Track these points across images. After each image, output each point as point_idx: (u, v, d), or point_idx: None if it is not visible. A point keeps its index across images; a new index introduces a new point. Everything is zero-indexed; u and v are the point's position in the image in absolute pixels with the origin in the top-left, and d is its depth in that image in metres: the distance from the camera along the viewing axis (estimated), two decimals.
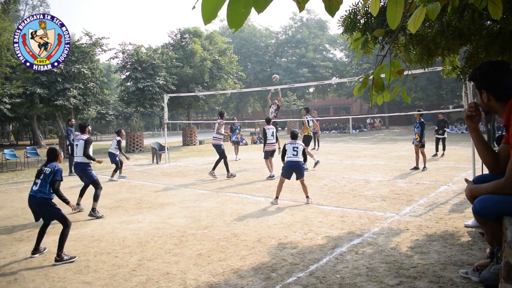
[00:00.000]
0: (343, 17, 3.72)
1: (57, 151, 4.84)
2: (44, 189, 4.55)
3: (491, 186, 2.42)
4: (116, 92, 36.97)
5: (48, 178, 4.58)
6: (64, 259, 4.38)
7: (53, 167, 4.66)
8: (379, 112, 35.98)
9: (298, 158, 6.99)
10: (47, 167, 4.67)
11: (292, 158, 6.99)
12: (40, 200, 4.54)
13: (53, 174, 4.59)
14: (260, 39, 50.77)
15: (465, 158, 11.74)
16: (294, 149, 7.07)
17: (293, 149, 7.08)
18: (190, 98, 23.08)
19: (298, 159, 6.99)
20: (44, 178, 4.58)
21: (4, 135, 37.93)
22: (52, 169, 4.62)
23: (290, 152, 7.09)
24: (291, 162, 6.97)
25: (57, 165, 4.72)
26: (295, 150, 7.04)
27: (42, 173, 4.63)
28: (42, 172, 4.64)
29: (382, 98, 2.39)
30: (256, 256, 4.27)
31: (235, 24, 1.28)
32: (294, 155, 7.02)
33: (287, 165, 7.03)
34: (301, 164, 7.03)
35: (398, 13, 1.68)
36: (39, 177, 4.62)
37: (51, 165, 4.70)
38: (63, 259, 4.38)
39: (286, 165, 7.03)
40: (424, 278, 3.46)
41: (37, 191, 4.55)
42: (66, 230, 4.55)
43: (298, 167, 6.95)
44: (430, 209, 5.97)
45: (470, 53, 4.03)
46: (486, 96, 2.44)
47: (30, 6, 46.33)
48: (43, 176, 4.59)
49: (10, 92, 17.87)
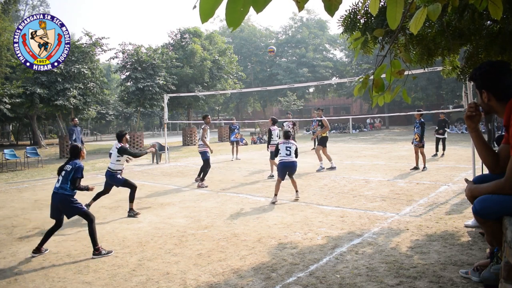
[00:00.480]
0: (343, 17, 3.73)
1: (79, 148, 4.83)
2: (65, 186, 4.59)
3: (491, 186, 2.42)
4: (116, 92, 36.98)
5: (69, 175, 4.60)
6: (102, 253, 4.46)
7: (74, 164, 4.66)
8: (379, 112, 35.98)
9: (292, 158, 7.03)
10: (69, 164, 4.68)
11: (286, 158, 7.02)
12: (62, 197, 4.58)
13: (74, 171, 4.60)
14: (260, 39, 50.78)
15: (465, 158, 11.74)
16: (287, 148, 7.07)
17: (286, 148, 7.08)
18: (190, 98, 23.08)
19: (292, 158, 7.03)
20: (65, 176, 4.61)
21: (4, 135, 37.91)
22: (73, 166, 4.63)
23: (283, 152, 7.09)
24: (285, 162, 7.00)
25: (78, 162, 4.71)
26: (288, 150, 7.06)
27: (63, 170, 4.66)
28: (63, 169, 4.67)
29: (383, 99, 2.39)
30: (256, 256, 4.27)
31: (233, 23, 1.29)
32: (287, 155, 7.04)
33: (281, 165, 7.04)
34: (295, 163, 7.08)
35: (398, 13, 1.68)
36: (60, 174, 4.66)
37: (72, 162, 4.70)
38: (101, 253, 4.46)
39: (281, 166, 7.05)
40: (424, 278, 3.46)
41: (59, 188, 4.59)
42: (92, 224, 4.58)
43: (292, 166, 7.02)
44: (430, 209, 5.97)
45: (470, 53, 4.03)
46: (487, 96, 2.44)
47: (30, 6, 46.32)
48: (64, 174, 4.62)
49: (10, 92, 17.87)
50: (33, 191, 9.39)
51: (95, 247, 4.50)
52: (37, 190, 9.52)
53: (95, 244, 4.51)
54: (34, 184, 10.62)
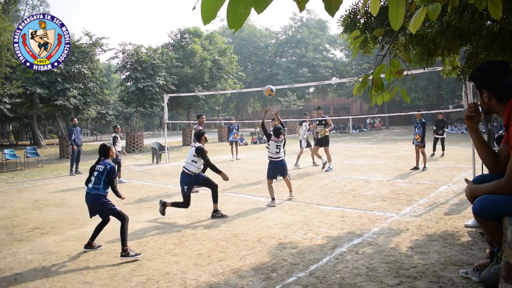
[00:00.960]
0: (343, 17, 3.73)
1: (108, 147, 4.74)
2: (98, 186, 4.55)
3: (491, 186, 2.42)
4: (116, 92, 36.97)
5: (102, 176, 4.56)
6: (130, 255, 4.34)
7: (106, 164, 4.60)
8: (379, 112, 35.98)
9: (281, 156, 6.79)
10: (100, 164, 4.63)
11: (277, 156, 6.77)
12: (95, 197, 4.56)
13: (107, 173, 4.56)
14: (260, 39, 50.79)
15: (465, 158, 11.74)
16: (277, 146, 6.80)
17: (276, 147, 6.79)
18: (190, 98, 23.08)
19: (281, 156, 6.80)
20: (98, 176, 4.57)
21: (4, 135, 37.91)
22: (105, 167, 4.58)
23: (273, 150, 6.79)
24: (275, 161, 6.77)
25: (109, 162, 4.65)
26: (278, 148, 6.78)
27: (94, 170, 4.62)
28: (94, 169, 4.63)
29: (382, 98, 2.39)
30: (256, 256, 4.27)
31: (235, 25, 1.28)
32: (277, 153, 6.78)
33: (271, 165, 6.79)
34: (284, 161, 6.87)
35: (400, 13, 1.68)
36: (92, 175, 4.63)
37: (103, 162, 4.63)
38: (128, 254, 4.34)
39: (270, 165, 6.79)
40: (424, 278, 3.46)
41: (92, 188, 4.57)
42: (124, 224, 4.49)
43: (282, 165, 6.79)
44: (430, 209, 5.97)
45: (470, 53, 4.03)
46: (487, 95, 2.44)
47: (30, 6, 46.33)
48: (97, 174, 4.58)
49: (10, 92, 17.88)
50: (33, 191, 9.39)
51: (123, 248, 4.38)
52: (37, 190, 9.52)
53: (124, 245, 4.39)
54: (34, 184, 10.62)
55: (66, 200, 8.00)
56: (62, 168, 13.99)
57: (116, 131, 10.92)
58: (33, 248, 4.95)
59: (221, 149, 19.82)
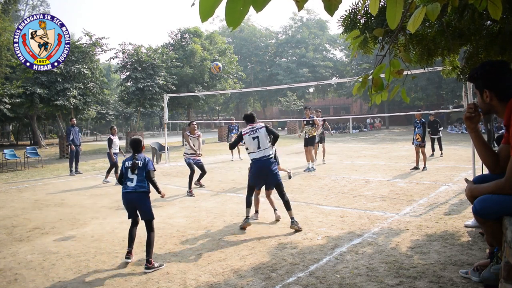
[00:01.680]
0: (343, 17, 3.73)
1: (141, 141, 4.54)
2: (144, 183, 4.36)
3: (491, 186, 2.42)
4: (116, 92, 36.96)
5: (143, 172, 4.36)
6: (155, 266, 4.08)
7: (143, 159, 4.41)
8: (379, 112, 35.99)
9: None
10: (138, 160, 4.38)
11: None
12: (142, 195, 4.34)
13: (146, 165, 4.37)
14: (260, 39, 50.77)
15: (465, 158, 11.74)
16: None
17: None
18: (190, 98, 23.07)
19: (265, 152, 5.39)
20: (140, 172, 4.35)
21: (4, 135, 37.90)
22: (144, 161, 4.39)
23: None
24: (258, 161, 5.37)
25: (145, 156, 4.47)
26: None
27: (136, 167, 4.35)
28: (136, 166, 4.35)
29: (380, 98, 2.39)
30: (256, 256, 4.27)
31: (233, 23, 1.28)
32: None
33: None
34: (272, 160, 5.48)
35: (397, 13, 1.68)
36: (133, 172, 4.35)
37: (139, 156, 4.42)
38: (154, 266, 4.07)
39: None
40: (424, 278, 3.46)
41: (137, 187, 4.32)
42: (152, 234, 4.26)
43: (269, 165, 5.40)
44: (430, 209, 5.97)
45: (470, 53, 4.03)
46: (488, 95, 2.44)
47: (30, 6, 46.31)
48: (138, 171, 4.35)
49: (10, 92, 17.87)
50: (33, 191, 9.39)
51: (148, 259, 4.09)
52: (37, 190, 9.52)
53: (149, 256, 4.11)
54: (34, 184, 10.62)
55: (66, 200, 8.00)
56: (62, 168, 13.99)
57: (112, 133, 10.80)
58: (33, 248, 4.95)
59: (221, 149, 19.82)
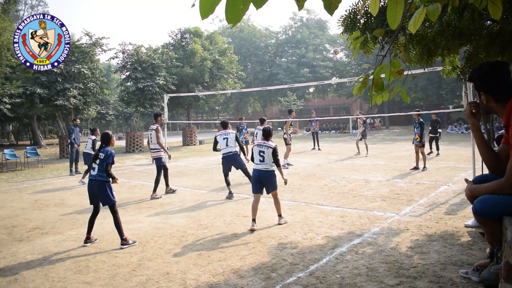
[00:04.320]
0: (343, 17, 3.73)
1: (110, 135, 5.13)
2: (102, 173, 4.90)
3: (491, 186, 2.42)
4: (116, 92, 36.96)
5: (104, 162, 4.91)
6: (129, 243, 4.85)
7: (106, 151, 4.97)
8: (379, 112, 35.97)
9: (265, 166, 5.44)
10: (102, 152, 4.98)
11: (258, 166, 5.49)
12: (100, 184, 4.91)
13: (106, 158, 4.92)
14: (260, 39, 50.75)
15: (465, 158, 11.74)
16: (260, 153, 5.45)
17: (259, 153, 5.47)
18: (190, 98, 23.07)
19: (265, 167, 5.44)
20: (101, 163, 4.92)
21: (4, 135, 37.88)
22: (106, 154, 4.94)
23: (256, 158, 5.53)
24: (257, 171, 5.48)
25: (110, 150, 5.02)
26: (261, 155, 5.45)
27: (97, 158, 4.96)
28: (97, 157, 4.97)
29: (381, 98, 2.39)
30: (256, 256, 4.27)
31: (233, 20, 1.28)
32: (260, 161, 5.46)
33: (254, 175, 5.54)
34: (271, 173, 5.46)
35: (398, 13, 1.68)
36: (95, 162, 4.96)
37: (104, 150, 5.00)
38: (128, 242, 4.84)
39: (253, 175, 5.55)
40: (424, 278, 3.46)
41: (97, 176, 4.93)
42: (117, 216, 4.90)
43: (266, 177, 5.44)
44: (430, 209, 5.97)
45: (470, 53, 4.03)
46: (485, 97, 2.44)
47: (29, 6, 46.33)
48: (100, 161, 4.94)
49: (10, 92, 17.85)
50: (33, 191, 9.39)
51: (122, 237, 4.83)
52: (37, 190, 9.52)
53: (121, 235, 4.84)
54: (34, 184, 10.62)
55: (66, 200, 8.00)
56: (62, 168, 13.99)
57: (95, 134, 10.54)
58: (33, 248, 4.96)
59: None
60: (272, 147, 5.47)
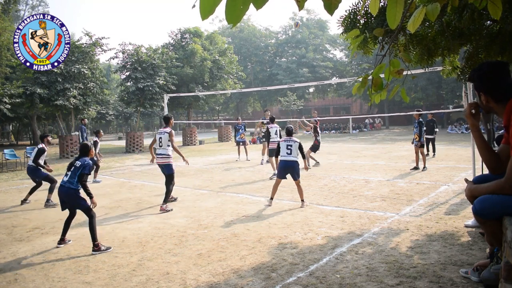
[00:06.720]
0: (343, 17, 3.73)
1: (88, 146, 5.12)
2: (73, 180, 4.85)
3: (491, 186, 2.42)
4: (116, 92, 36.97)
5: (78, 171, 4.86)
6: (101, 249, 4.65)
7: (83, 161, 4.92)
8: (379, 112, 36.00)
9: (292, 157, 6.69)
10: (78, 161, 4.93)
11: (286, 157, 6.71)
12: (68, 190, 4.86)
13: (82, 168, 4.86)
14: (260, 39, 50.79)
15: (465, 158, 11.74)
16: (288, 147, 6.74)
17: (286, 147, 6.75)
18: (190, 98, 23.09)
19: (292, 158, 6.69)
20: (74, 171, 4.88)
21: (4, 135, 37.89)
22: (82, 163, 4.89)
23: (283, 151, 6.79)
24: (284, 161, 6.71)
25: (87, 160, 4.97)
26: (288, 149, 6.73)
27: (72, 166, 4.93)
28: (72, 165, 4.93)
29: (379, 97, 2.39)
30: (256, 256, 4.27)
31: (233, 20, 1.28)
32: (288, 154, 6.73)
33: (281, 165, 6.78)
34: (295, 163, 6.70)
35: (398, 13, 1.68)
36: (69, 170, 4.92)
37: (82, 159, 4.95)
38: (100, 249, 4.65)
39: (280, 165, 6.79)
40: (424, 278, 3.46)
41: (66, 182, 4.88)
42: (92, 220, 4.78)
43: (292, 166, 6.65)
44: (430, 209, 5.97)
45: (470, 53, 4.03)
46: (485, 98, 2.45)
47: (30, 6, 46.34)
48: (73, 169, 4.89)
49: (10, 92, 17.84)
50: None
51: (94, 243, 4.68)
52: (37, 190, 9.50)
53: (94, 240, 4.69)
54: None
55: None
56: (62, 168, 13.98)
57: (98, 136, 10.81)
58: (33, 248, 4.96)
59: (222, 149, 19.82)
60: (298, 142, 6.86)
